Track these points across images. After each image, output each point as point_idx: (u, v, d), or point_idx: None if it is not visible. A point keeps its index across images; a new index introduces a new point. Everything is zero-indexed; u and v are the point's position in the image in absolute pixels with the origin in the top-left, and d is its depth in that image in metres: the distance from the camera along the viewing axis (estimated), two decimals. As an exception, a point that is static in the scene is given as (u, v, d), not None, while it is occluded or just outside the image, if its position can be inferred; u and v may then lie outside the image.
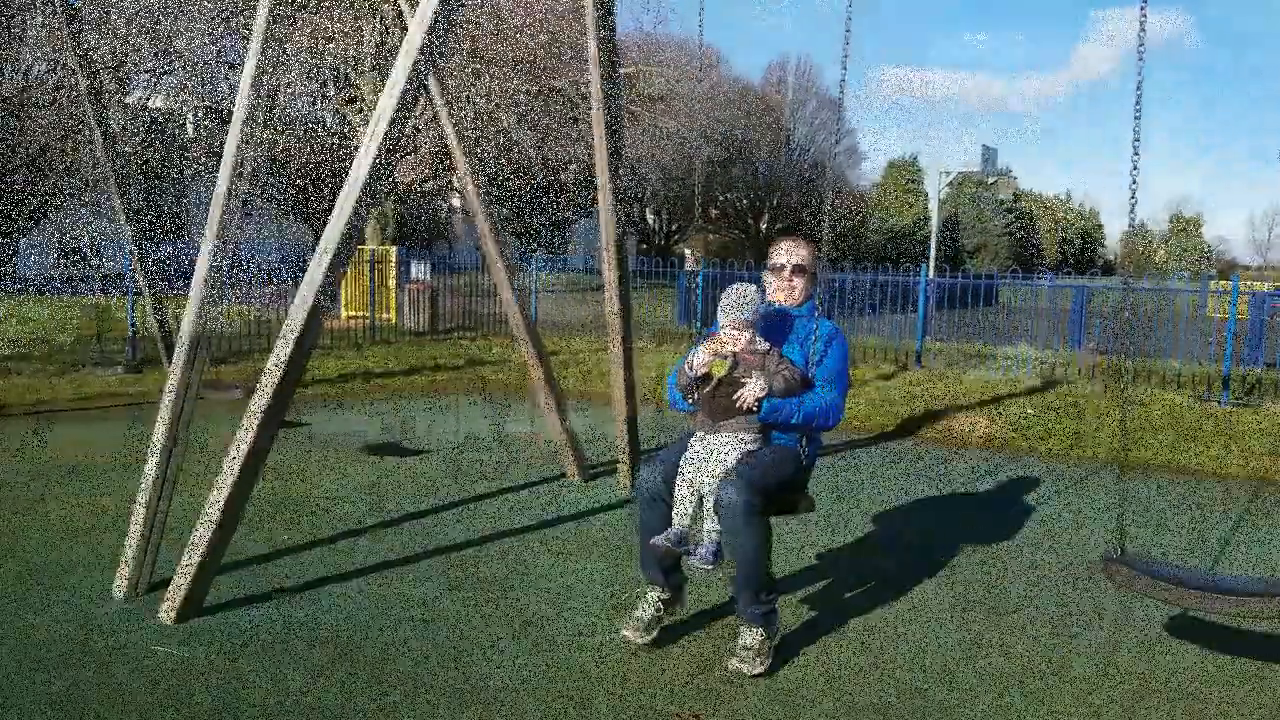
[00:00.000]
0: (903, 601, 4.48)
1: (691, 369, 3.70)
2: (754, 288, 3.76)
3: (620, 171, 6.32)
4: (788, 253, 4.01)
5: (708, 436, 3.67)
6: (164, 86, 24.03)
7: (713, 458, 3.60)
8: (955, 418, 9.05)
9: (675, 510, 3.65)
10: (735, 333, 3.65)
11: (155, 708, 3.22)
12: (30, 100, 19.95)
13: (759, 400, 3.58)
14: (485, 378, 11.93)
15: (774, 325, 3.86)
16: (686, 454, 3.68)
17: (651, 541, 3.62)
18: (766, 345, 3.68)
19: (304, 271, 4.16)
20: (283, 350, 4.09)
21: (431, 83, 6.42)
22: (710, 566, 3.55)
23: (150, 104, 24.69)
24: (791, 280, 3.97)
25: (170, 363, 5.46)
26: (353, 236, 4.18)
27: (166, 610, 3.96)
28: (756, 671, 3.54)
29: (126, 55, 19.15)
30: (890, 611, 4.35)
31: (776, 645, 3.70)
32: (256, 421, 4.04)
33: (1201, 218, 79.93)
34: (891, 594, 4.57)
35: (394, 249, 18.23)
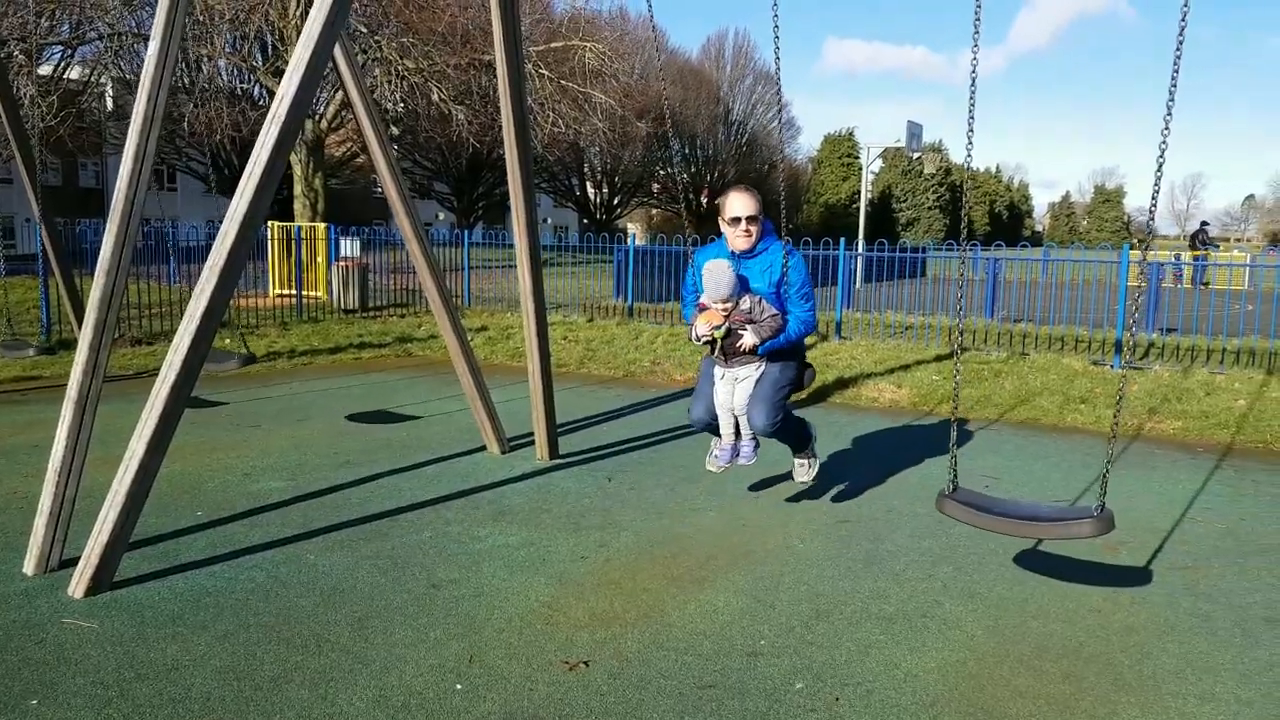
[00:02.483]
0: (788, 554, 4.78)
1: (697, 339, 4.68)
2: (727, 263, 4.61)
3: (530, 149, 6.45)
4: (741, 206, 4.70)
5: (726, 372, 4.75)
6: (80, 58, 23.31)
7: (737, 387, 4.74)
8: (865, 385, 9.42)
9: (722, 432, 4.85)
10: (722, 307, 4.59)
11: (62, 674, 3.36)
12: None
13: (755, 346, 4.61)
14: (412, 354, 12.01)
15: (746, 271, 4.71)
16: (716, 388, 4.79)
17: (708, 462, 4.98)
18: (748, 302, 4.61)
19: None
20: (188, 328, 4.21)
21: (340, 57, 6.47)
22: (753, 461, 4.87)
23: (66, 76, 23.92)
24: (748, 229, 4.70)
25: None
26: (256, 219, 4.30)
27: (75, 586, 4.08)
28: (811, 475, 5.33)
29: (36, 26, 18.56)
30: (775, 563, 4.64)
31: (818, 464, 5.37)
32: (161, 400, 4.16)
33: (1124, 188, 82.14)
34: (777, 547, 4.87)
35: (323, 225, 18.07)
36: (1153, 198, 3.63)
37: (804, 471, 5.31)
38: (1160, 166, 3.58)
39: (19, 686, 3.27)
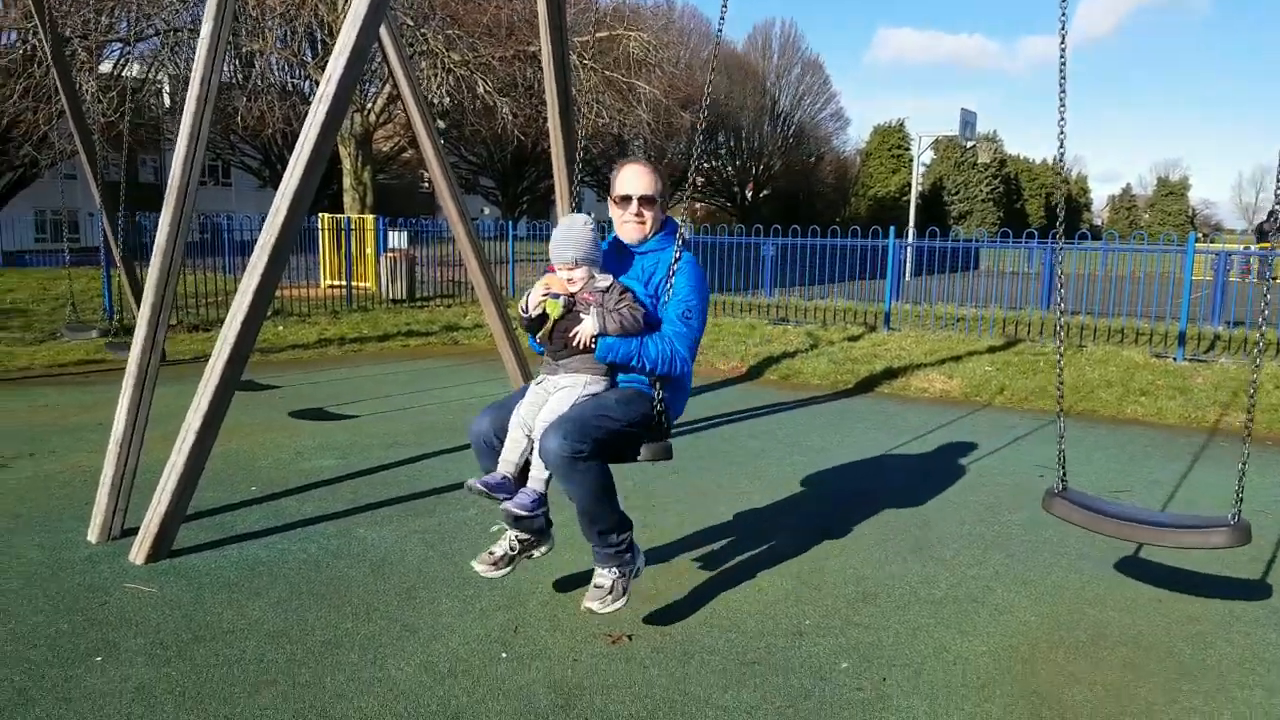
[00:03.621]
0: (834, 538, 4.74)
1: (525, 310, 3.42)
2: (585, 218, 3.43)
3: (574, 139, 6.45)
4: (633, 183, 3.52)
5: (548, 378, 3.44)
6: (138, 55, 23.83)
7: (551, 399, 3.36)
8: (914, 375, 9.31)
9: (503, 453, 3.38)
10: (564, 273, 3.36)
11: (124, 634, 3.45)
12: (0, 69, 19.84)
13: (594, 339, 3.29)
14: (459, 342, 12.13)
15: (620, 261, 3.53)
16: (527, 395, 3.44)
17: (466, 484, 3.38)
18: (608, 280, 3.37)
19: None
20: (240, 304, 4.29)
21: (390, 48, 6.55)
22: (526, 514, 3.33)
23: (125, 73, 24.48)
24: (640, 213, 3.51)
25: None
26: (305, 197, 4.37)
27: (136, 553, 4.19)
28: (607, 610, 3.38)
29: (96, 23, 19.04)
30: (821, 547, 4.60)
31: (634, 582, 3.56)
32: (215, 374, 4.25)
33: (1188, 181, 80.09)
34: (823, 531, 4.83)
35: (372, 218, 18.31)
36: None
37: (600, 596, 3.38)
38: None
39: (85, 645, 3.37)
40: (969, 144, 44.43)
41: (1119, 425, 7.72)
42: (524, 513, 3.32)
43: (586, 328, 3.28)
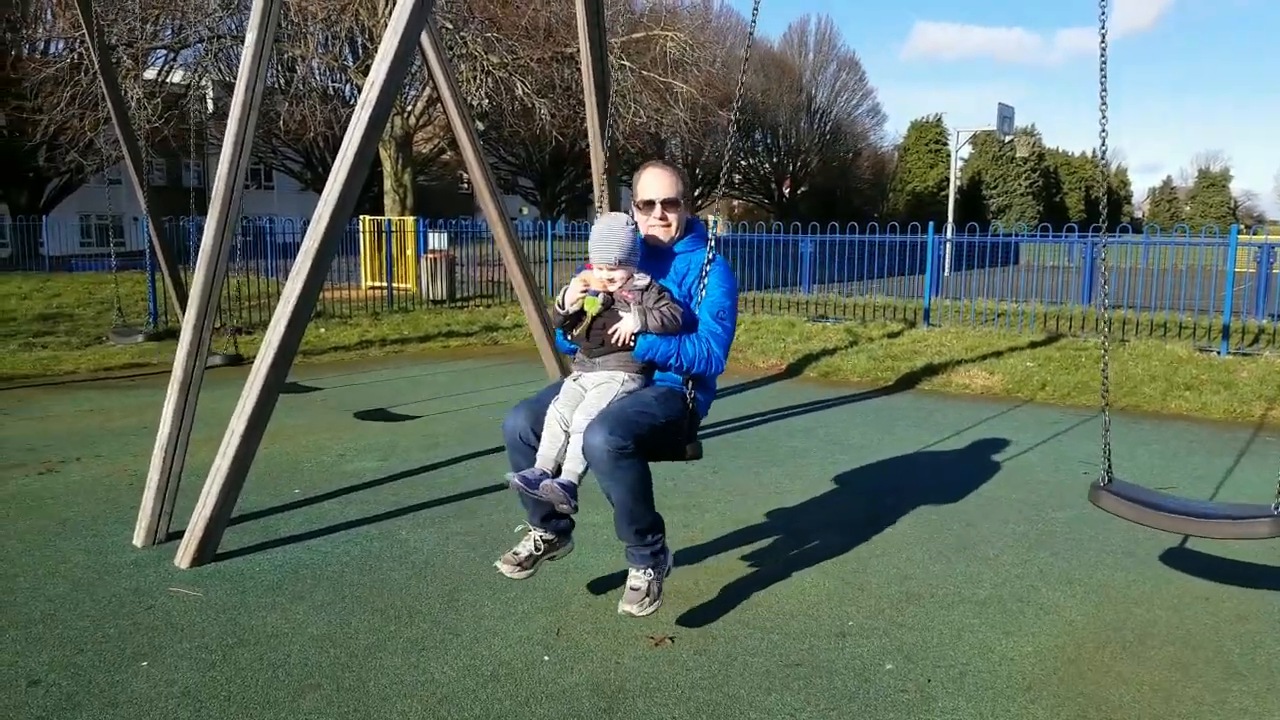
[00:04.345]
0: (876, 537, 4.69)
1: (562, 306, 3.44)
2: (626, 218, 3.45)
3: (610, 137, 6.46)
4: (654, 187, 3.57)
5: (583, 375, 3.45)
6: (182, 62, 24.25)
7: (587, 396, 3.37)
8: (955, 371, 9.19)
9: (540, 449, 3.37)
10: (605, 273, 3.37)
11: (169, 639, 3.51)
12: (48, 78, 20.29)
13: (634, 336, 3.32)
14: (499, 342, 12.20)
15: (651, 263, 3.55)
16: (561, 392, 3.44)
17: (507, 479, 3.39)
18: (646, 280, 3.39)
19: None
20: (284, 310, 4.34)
21: (430, 51, 6.60)
22: (567, 507, 3.31)
23: (169, 79, 24.93)
24: (665, 217, 3.57)
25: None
26: (349, 202, 4.41)
27: (181, 557, 4.25)
28: (645, 613, 3.38)
29: (141, 31, 19.40)
30: (863, 546, 4.56)
31: (666, 580, 3.55)
32: (259, 378, 4.31)
33: (1229, 172, 78.35)
34: (865, 530, 4.78)
35: (412, 219, 18.48)
36: None
37: (637, 599, 3.38)
38: None
39: (130, 649, 3.43)
40: (1007, 138, 43.83)
41: (1163, 420, 7.57)
42: (565, 507, 3.30)
43: (627, 325, 3.30)
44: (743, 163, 54.70)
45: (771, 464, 6.13)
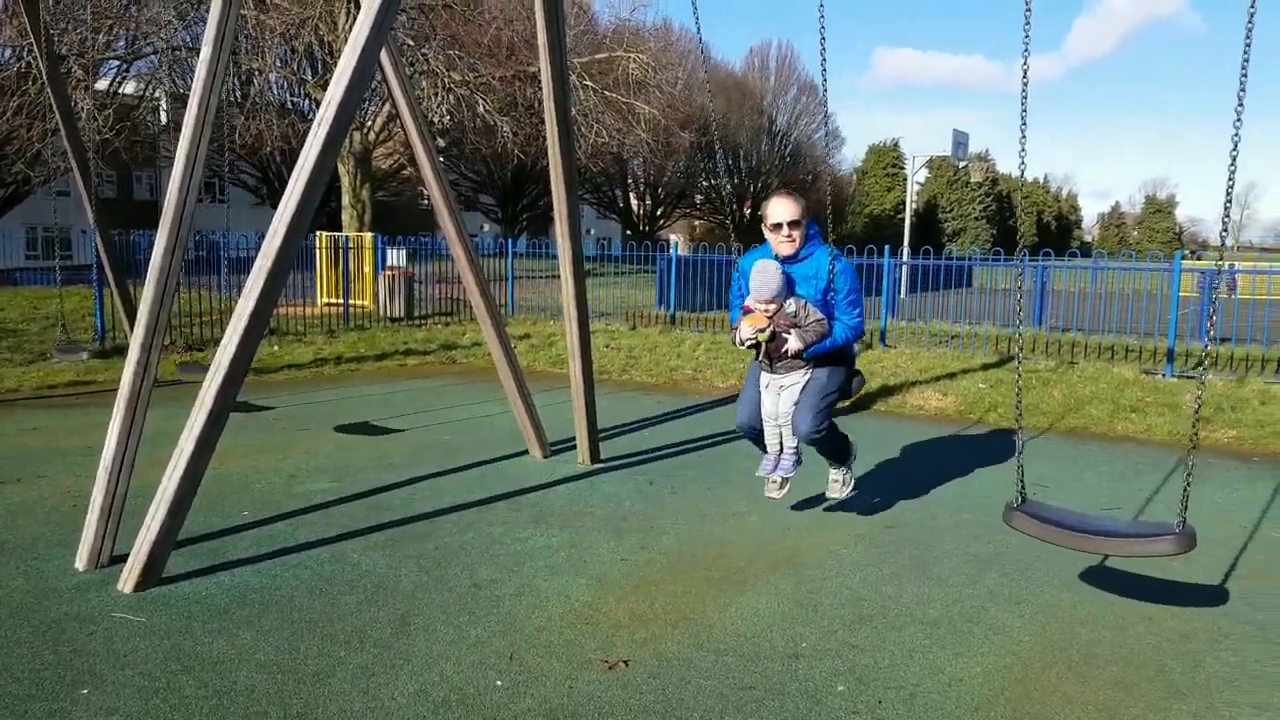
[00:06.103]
0: (830, 558, 4.72)
1: (741, 343, 4.63)
2: (776, 264, 4.58)
3: (573, 156, 6.47)
4: (783, 211, 4.61)
5: (772, 380, 4.74)
6: (135, 73, 23.88)
7: (782, 394, 4.71)
8: (910, 392, 9.31)
9: (767, 441, 4.81)
10: (765, 309, 4.56)
11: (111, 666, 3.42)
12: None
13: (799, 350, 4.56)
14: (456, 360, 12.12)
15: (793, 275, 4.65)
16: (762, 397, 4.78)
17: (759, 474, 4.87)
18: (793, 305, 4.56)
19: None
20: (236, 328, 4.28)
21: (389, 69, 6.57)
22: (791, 475, 4.78)
23: (121, 90, 24.53)
24: (791, 234, 4.60)
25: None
26: (304, 219, 4.37)
27: (125, 581, 4.15)
28: (844, 495, 5.12)
29: (93, 42, 19.08)
30: (817, 567, 4.58)
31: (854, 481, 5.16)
32: (209, 398, 4.23)
33: (1175, 198, 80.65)
34: (819, 551, 4.81)
35: (370, 235, 18.32)
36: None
37: (838, 488, 5.11)
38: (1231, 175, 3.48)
39: (70, 676, 3.34)
40: (961, 164, 44.70)
41: (1110, 442, 7.72)
42: (792, 474, 4.80)
43: (793, 346, 4.55)
44: (704, 183, 55.08)
45: (727, 485, 6.15)
